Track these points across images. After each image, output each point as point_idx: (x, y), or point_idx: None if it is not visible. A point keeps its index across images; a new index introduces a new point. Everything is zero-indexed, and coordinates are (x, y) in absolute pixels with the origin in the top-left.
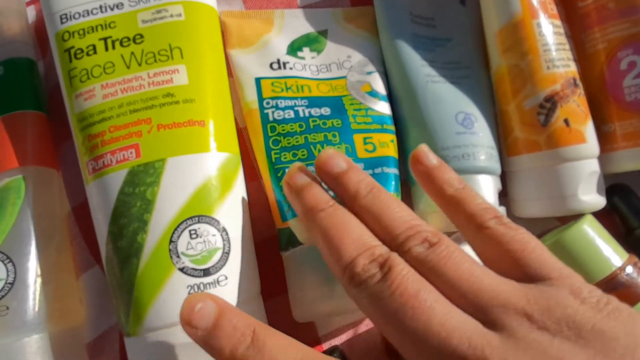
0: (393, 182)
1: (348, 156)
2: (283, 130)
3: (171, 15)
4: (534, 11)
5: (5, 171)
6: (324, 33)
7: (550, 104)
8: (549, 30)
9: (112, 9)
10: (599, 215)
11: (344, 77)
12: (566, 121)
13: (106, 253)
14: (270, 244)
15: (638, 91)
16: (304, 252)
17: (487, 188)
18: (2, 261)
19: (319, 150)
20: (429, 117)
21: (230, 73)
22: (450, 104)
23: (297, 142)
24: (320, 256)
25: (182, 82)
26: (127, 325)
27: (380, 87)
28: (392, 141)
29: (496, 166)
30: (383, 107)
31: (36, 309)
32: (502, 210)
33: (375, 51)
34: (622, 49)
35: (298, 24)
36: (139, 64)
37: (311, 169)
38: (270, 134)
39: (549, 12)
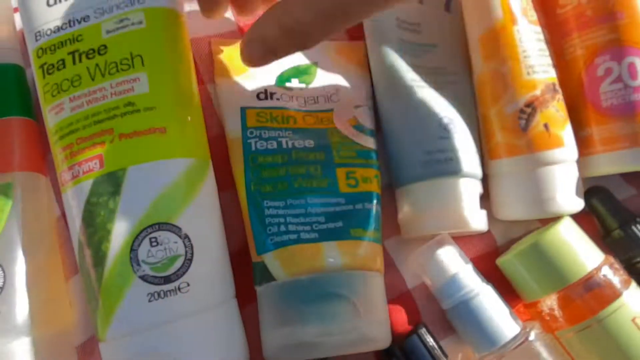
0: (373, 219)
1: (329, 190)
2: (265, 161)
3: (132, 24)
4: (514, 18)
5: None
6: (313, 65)
7: (530, 109)
8: (529, 37)
9: (79, 22)
10: (578, 217)
11: (331, 110)
12: (546, 126)
13: (79, 261)
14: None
15: (614, 97)
16: (277, 289)
17: (469, 191)
18: None
19: (299, 184)
20: (413, 121)
21: (216, 102)
22: (435, 108)
23: (277, 173)
24: (294, 293)
25: (143, 91)
26: (97, 331)
27: (367, 121)
28: (375, 177)
29: (478, 170)
30: (369, 142)
31: (26, 312)
32: (483, 213)
33: (364, 85)
34: (599, 55)
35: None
36: (103, 75)
37: (290, 202)
38: (251, 164)
39: (530, 19)
